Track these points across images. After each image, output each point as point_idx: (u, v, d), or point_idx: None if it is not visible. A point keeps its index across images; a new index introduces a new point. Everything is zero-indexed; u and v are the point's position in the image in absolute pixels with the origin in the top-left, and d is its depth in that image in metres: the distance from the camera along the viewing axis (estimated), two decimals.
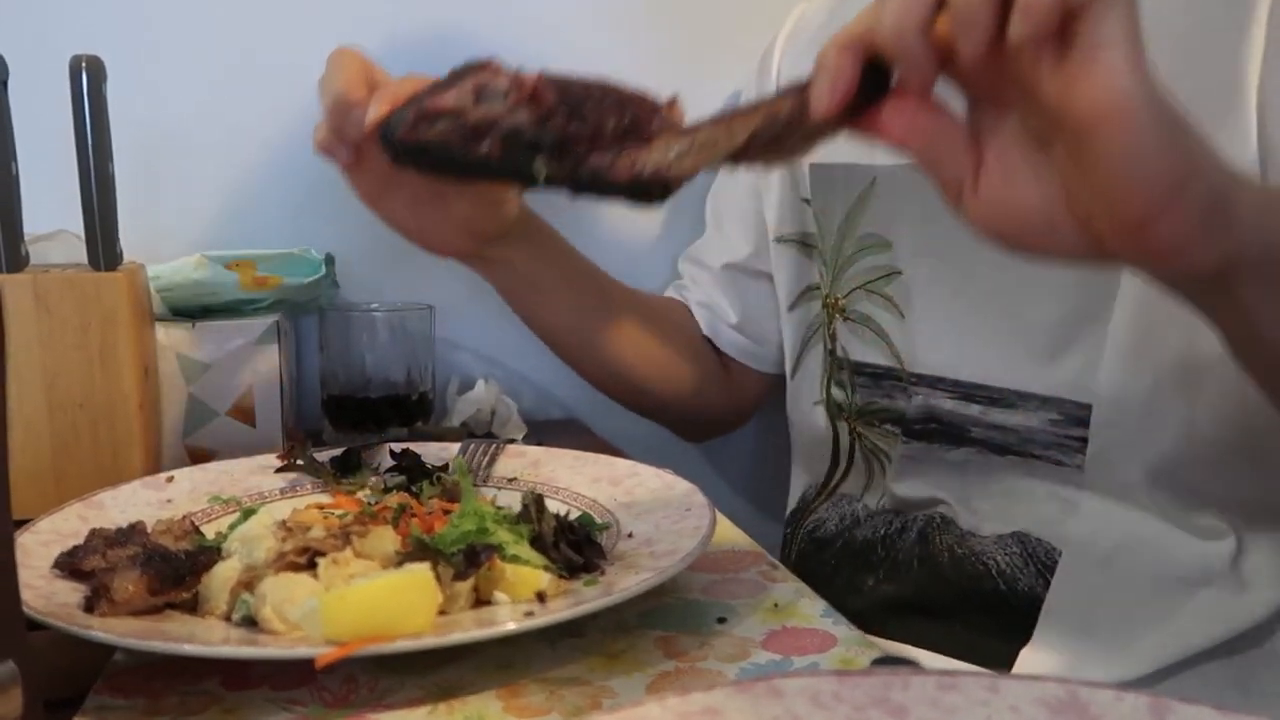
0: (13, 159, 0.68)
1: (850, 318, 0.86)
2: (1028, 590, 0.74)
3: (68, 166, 0.70)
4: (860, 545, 0.86)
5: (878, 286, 0.84)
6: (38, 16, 0.96)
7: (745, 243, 0.97)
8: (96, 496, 0.65)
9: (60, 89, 0.69)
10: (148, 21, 0.99)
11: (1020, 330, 0.73)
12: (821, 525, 0.91)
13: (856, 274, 0.85)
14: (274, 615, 0.50)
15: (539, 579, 0.53)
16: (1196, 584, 0.69)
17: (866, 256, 0.85)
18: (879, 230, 0.83)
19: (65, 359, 0.70)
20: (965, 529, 0.78)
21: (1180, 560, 0.70)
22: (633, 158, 0.51)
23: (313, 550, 0.53)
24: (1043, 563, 0.73)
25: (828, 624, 0.56)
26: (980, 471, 0.77)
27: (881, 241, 0.83)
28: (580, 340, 0.89)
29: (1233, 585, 0.69)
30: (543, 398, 1.10)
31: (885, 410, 0.84)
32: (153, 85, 0.97)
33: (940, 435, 0.79)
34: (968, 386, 0.77)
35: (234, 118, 1.02)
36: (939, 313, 0.79)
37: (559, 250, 0.84)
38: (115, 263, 0.72)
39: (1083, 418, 0.71)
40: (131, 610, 0.50)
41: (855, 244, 0.85)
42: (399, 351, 0.95)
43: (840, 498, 0.90)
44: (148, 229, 0.83)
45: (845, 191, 0.85)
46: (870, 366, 0.85)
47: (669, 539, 0.58)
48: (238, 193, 1.02)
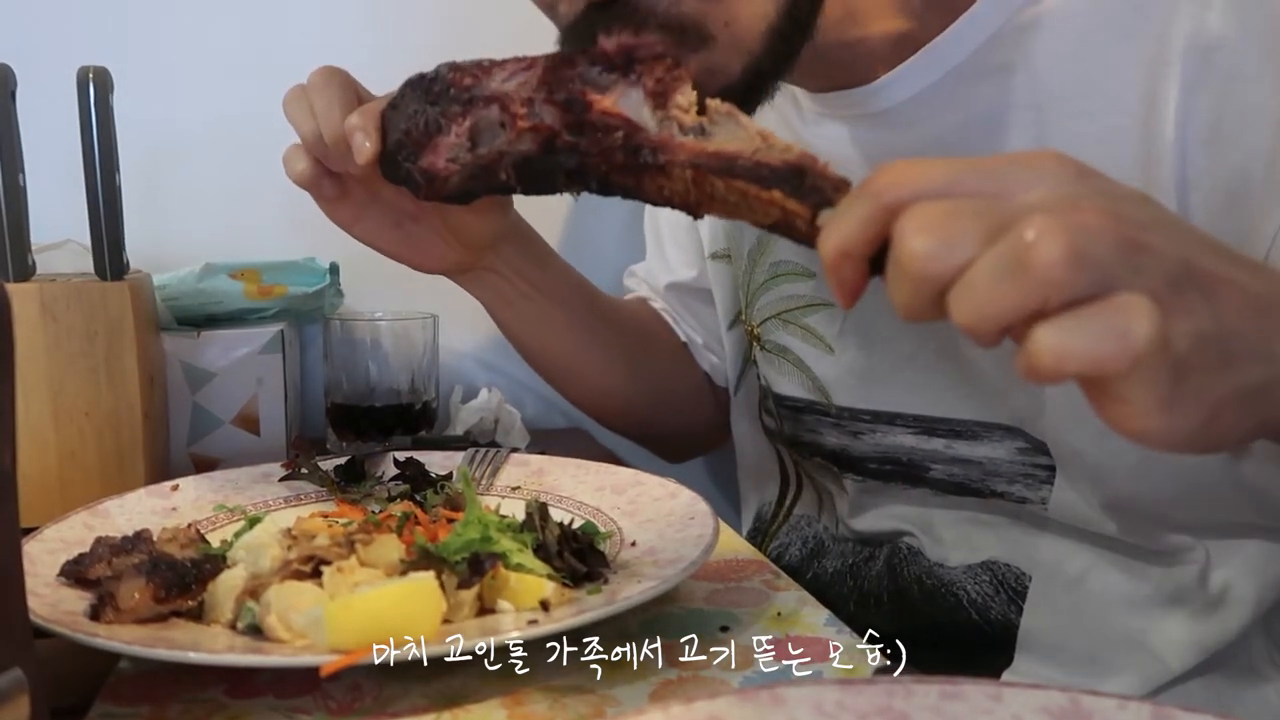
0: (20, 170, 0.69)
1: (766, 347, 0.82)
2: (1001, 618, 0.73)
3: (74, 177, 0.71)
4: (830, 577, 0.83)
5: (794, 317, 0.79)
6: (45, 28, 0.97)
7: (687, 264, 0.92)
8: (102, 505, 0.65)
9: (67, 100, 0.70)
10: (154, 33, 1.00)
11: (967, 366, 0.70)
12: (785, 551, 0.88)
13: (772, 302, 0.81)
14: (279, 623, 0.50)
15: (543, 587, 0.53)
16: (1169, 603, 0.69)
17: (781, 284, 0.80)
18: (797, 258, 0.78)
19: (71, 368, 0.70)
20: (933, 560, 0.76)
21: (1150, 580, 0.69)
22: (659, 184, 0.50)
23: (318, 558, 0.53)
24: (1013, 589, 0.73)
25: (831, 632, 0.56)
26: (941, 504, 0.75)
27: (801, 270, 0.78)
28: (570, 355, 0.86)
29: (1205, 604, 0.69)
30: (546, 406, 1.11)
31: (812, 445, 0.80)
32: (158, 95, 0.98)
33: (898, 475, 0.76)
34: (929, 421, 0.73)
35: (238, 128, 1.02)
36: (887, 348, 0.74)
37: (548, 259, 0.81)
38: (121, 272, 0.73)
39: (1046, 447, 0.69)
40: (137, 618, 0.51)
41: (768, 270, 0.81)
42: (403, 360, 0.95)
43: (798, 519, 0.88)
44: (153, 238, 0.84)
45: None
46: (790, 400, 0.81)
47: (672, 548, 0.59)
48: (242, 202, 1.03)
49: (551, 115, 0.52)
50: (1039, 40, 0.63)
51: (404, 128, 0.57)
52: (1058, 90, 0.63)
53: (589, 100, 0.51)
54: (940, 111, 0.67)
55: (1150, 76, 0.60)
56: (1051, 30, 0.63)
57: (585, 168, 0.51)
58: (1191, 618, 0.69)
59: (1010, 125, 0.65)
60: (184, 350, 0.84)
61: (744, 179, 0.46)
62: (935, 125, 0.67)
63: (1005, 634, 0.72)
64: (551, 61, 0.54)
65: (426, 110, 0.56)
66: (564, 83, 0.52)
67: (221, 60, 1.01)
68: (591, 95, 0.51)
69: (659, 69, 0.51)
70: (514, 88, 0.53)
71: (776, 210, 0.45)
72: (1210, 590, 0.68)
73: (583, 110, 0.51)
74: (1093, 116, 0.62)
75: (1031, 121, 0.64)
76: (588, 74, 0.52)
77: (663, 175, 0.50)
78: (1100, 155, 0.47)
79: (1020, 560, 0.73)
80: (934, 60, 0.66)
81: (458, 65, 0.57)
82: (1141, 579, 0.69)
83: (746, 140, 0.48)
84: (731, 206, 0.48)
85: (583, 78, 0.52)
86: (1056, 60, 0.63)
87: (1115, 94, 0.61)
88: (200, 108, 1.01)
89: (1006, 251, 0.34)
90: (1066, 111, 0.63)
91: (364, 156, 0.59)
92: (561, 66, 0.53)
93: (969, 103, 0.66)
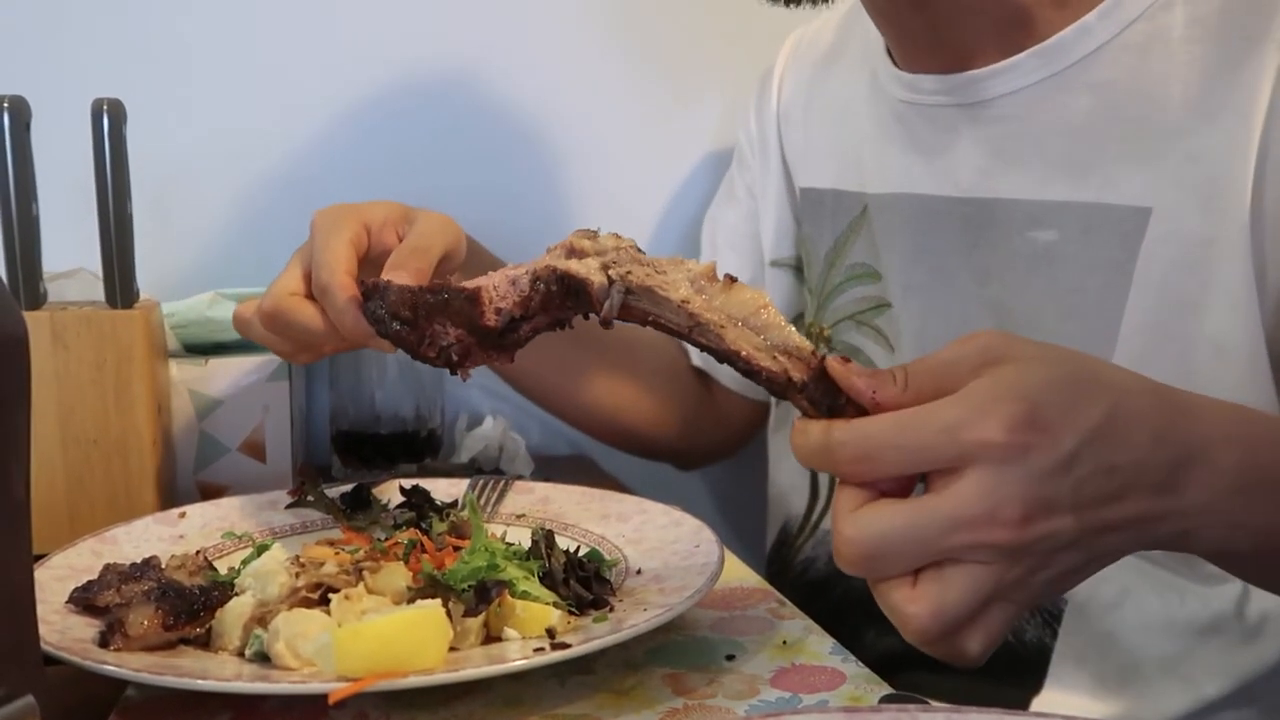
0: (34, 199, 0.70)
1: (835, 348, 0.84)
2: (1036, 641, 0.73)
3: (86, 206, 0.71)
4: (859, 594, 0.83)
5: (867, 318, 0.82)
6: (58, 59, 0.98)
7: (742, 270, 0.93)
8: (110, 532, 0.65)
9: (79, 130, 0.70)
10: (164, 65, 1.01)
11: None
12: (811, 566, 0.88)
13: (845, 304, 0.83)
14: (287, 650, 0.50)
15: (549, 615, 0.53)
16: (1205, 632, 0.68)
17: (855, 286, 0.82)
18: (869, 260, 0.81)
19: (81, 395, 0.71)
20: None
21: (1186, 607, 0.69)
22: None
23: (325, 586, 0.53)
24: (1049, 612, 0.72)
25: (836, 661, 0.56)
26: None
27: (871, 272, 0.81)
28: (562, 390, 0.88)
29: (1242, 633, 0.68)
30: (550, 434, 1.11)
31: None
32: (168, 126, 0.99)
33: None
34: None
35: (247, 159, 1.03)
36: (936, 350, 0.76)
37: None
38: (132, 300, 0.73)
39: None
40: (146, 645, 0.51)
41: (844, 272, 0.83)
42: (408, 388, 0.95)
43: (825, 534, 0.88)
44: (162, 266, 0.85)
45: (834, 218, 0.84)
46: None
47: (678, 575, 0.59)
48: (251, 232, 1.04)
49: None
50: (1150, 60, 0.66)
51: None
52: (1169, 108, 0.65)
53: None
54: (1036, 113, 0.69)
55: (1266, 91, 0.61)
56: (1163, 49, 0.65)
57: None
58: (1228, 646, 0.68)
59: (1111, 139, 0.67)
60: (191, 378, 0.84)
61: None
62: (1031, 125, 0.70)
63: (1039, 657, 0.72)
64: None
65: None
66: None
67: (231, 92, 1.02)
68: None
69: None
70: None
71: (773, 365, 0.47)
72: (1248, 620, 0.68)
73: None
74: (1204, 134, 0.63)
75: (1135, 136, 0.66)
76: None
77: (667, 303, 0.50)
78: (1214, 171, 0.58)
79: None
80: (1038, 62, 0.69)
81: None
82: (1178, 606, 0.69)
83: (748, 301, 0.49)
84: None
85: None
86: (1167, 80, 0.65)
87: (1230, 110, 0.63)
88: (209, 138, 1.02)
89: (893, 609, 0.43)
90: (1176, 129, 0.64)
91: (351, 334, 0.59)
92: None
93: (1068, 113, 0.68)
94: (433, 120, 1.06)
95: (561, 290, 0.51)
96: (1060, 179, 0.69)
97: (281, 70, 1.03)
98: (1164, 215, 0.65)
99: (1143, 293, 0.66)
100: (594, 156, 1.09)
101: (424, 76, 1.06)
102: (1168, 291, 0.65)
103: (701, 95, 1.10)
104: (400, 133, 1.06)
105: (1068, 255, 0.68)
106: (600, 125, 1.09)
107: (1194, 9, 0.65)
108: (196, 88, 1.01)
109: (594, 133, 1.09)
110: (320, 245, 0.63)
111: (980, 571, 0.42)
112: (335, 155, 1.05)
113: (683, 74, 1.11)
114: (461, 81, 1.07)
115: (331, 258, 0.62)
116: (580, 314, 0.52)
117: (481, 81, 1.07)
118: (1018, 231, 0.71)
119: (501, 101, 1.07)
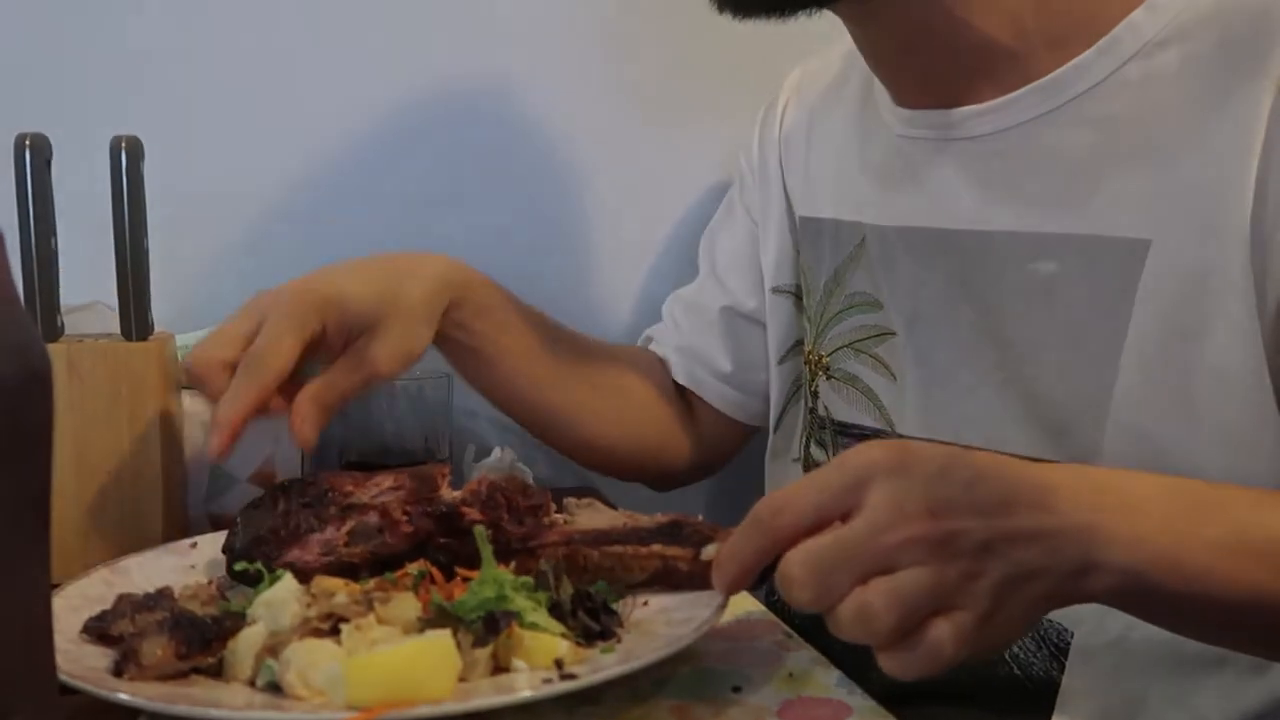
0: (53, 234, 0.71)
1: (834, 376, 0.84)
2: (1043, 675, 0.72)
3: (102, 240, 0.73)
4: None
5: (867, 346, 0.82)
6: (79, 99, 1.00)
7: (746, 292, 0.94)
8: (122, 562, 0.66)
9: (97, 167, 0.72)
10: (181, 103, 1.03)
11: (1029, 402, 0.71)
12: None
13: (844, 332, 0.84)
14: (298, 680, 0.50)
15: (557, 646, 0.54)
16: (1212, 665, 0.68)
17: (855, 315, 0.83)
18: (869, 289, 0.81)
19: (95, 426, 0.71)
20: None
21: (1193, 640, 0.68)
22: (527, 565, 0.60)
23: (337, 616, 0.54)
24: (1056, 645, 0.72)
25: (842, 693, 0.56)
26: None
27: (872, 301, 0.81)
28: (539, 411, 0.90)
29: (1250, 665, 0.68)
30: (557, 465, 1.11)
31: None
32: (183, 161, 1.00)
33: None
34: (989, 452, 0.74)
35: (260, 192, 1.05)
36: (946, 380, 0.76)
37: (508, 326, 0.85)
38: (146, 333, 0.74)
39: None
40: (159, 674, 0.51)
41: (843, 300, 0.83)
42: (417, 419, 0.96)
43: None
44: (176, 299, 0.86)
45: (834, 247, 0.84)
46: (855, 428, 0.83)
47: (684, 607, 0.59)
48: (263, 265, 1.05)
49: (427, 523, 0.62)
50: (1149, 94, 0.67)
51: (271, 525, 0.64)
52: (1168, 142, 0.66)
53: (462, 511, 0.62)
54: (1033, 147, 0.70)
55: (1262, 124, 0.62)
56: (1160, 85, 0.66)
57: (456, 558, 0.61)
58: (1235, 680, 0.68)
59: (1110, 175, 0.68)
60: (203, 409, 0.84)
61: (621, 543, 0.60)
62: (1028, 159, 0.71)
63: (1047, 691, 0.71)
64: (421, 484, 0.64)
65: (300, 511, 0.64)
66: (434, 501, 0.63)
67: (246, 129, 1.04)
68: (463, 508, 0.62)
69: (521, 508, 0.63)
70: (392, 500, 0.63)
71: (656, 560, 0.60)
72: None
73: (456, 519, 0.62)
74: (1204, 166, 0.64)
75: (1134, 170, 0.67)
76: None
77: (532, 558, 0.60)
78: (1212, 203, 0.61)
79: (1063, 615, 0.71)
80: (1036, 99, 0.70)
81: (336, 475, 0.67)
82: (1185, 639, 0.68)
83: (611, 518, 0.63)
84: (605, 571, 0.60)
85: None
86: (1165, 113, 0.66)
87: (1227, 143, 0.63)
88: (223, 173, 1.04)
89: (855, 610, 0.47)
90: (1174, 162, 0.65)
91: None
92: (429, 488, 0.64)
93: (1065, 146, 0.69)
94: (447, 155, 1.08)
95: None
96: (1059, 212, 0.70)
97: (296, 108, 1.05)
98: (1163, 247, 0.65)
99: (1143, 323, 0.66)
100: (596, 180, 1.12)
101: (438, 113, 1.08)
102: (1168, 322, 0.66)
103: (705, 123, 1.11)
104: (415, 168, 1.08)
105: (1068, 287, 0.69)
106: (603, 151, 1.11)
107: (1189, 46, 0.66)
108: (212, 125, 1.03)
109: (595, 158, 1.11)
110: (260, 343, 0.71)
111: (919, 571, 0.46)
112: (348, 191, 1.07)
113: (688, 102, 1.13)
114: (471, 116, 1.09)
115: (258, 371, 0.71)
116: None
117: (490, 112, 1.09)
118: (1017, 264, 0.71)
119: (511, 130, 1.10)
